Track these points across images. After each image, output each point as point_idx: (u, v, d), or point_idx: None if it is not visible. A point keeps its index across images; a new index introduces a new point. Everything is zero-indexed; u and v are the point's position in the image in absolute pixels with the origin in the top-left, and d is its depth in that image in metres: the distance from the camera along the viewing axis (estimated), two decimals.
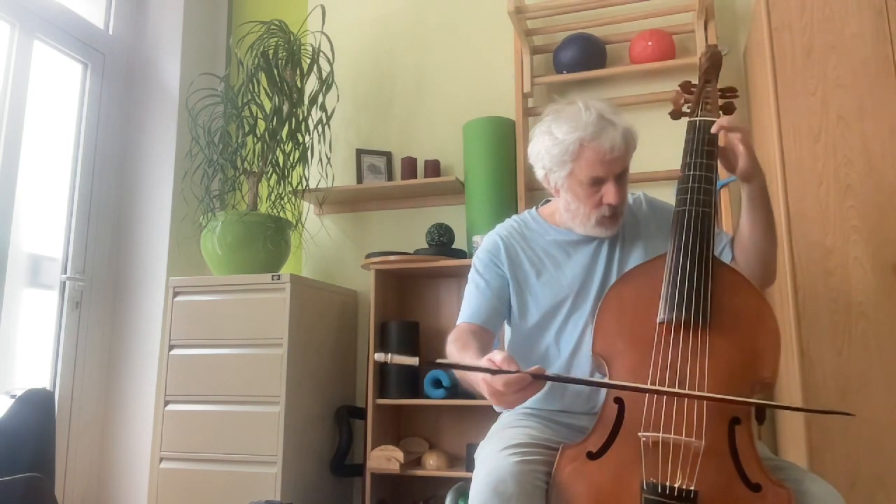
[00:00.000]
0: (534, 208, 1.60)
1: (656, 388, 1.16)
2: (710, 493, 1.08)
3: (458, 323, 1.48)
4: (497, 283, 1.48)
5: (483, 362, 1.15)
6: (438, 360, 1.11)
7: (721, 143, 1.36)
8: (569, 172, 1.40)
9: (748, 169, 1.31)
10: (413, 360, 1.08)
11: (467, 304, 1.49)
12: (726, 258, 1.45)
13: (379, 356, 1.07)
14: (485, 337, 1.44)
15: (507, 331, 1.57)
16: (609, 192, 1.38)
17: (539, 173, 1.49)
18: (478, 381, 1.17)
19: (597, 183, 1.38)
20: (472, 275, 1.53)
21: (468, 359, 1.28)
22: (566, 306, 1.43)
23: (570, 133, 1.37)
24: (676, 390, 1.15)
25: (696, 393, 1.15)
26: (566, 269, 1.46)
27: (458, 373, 1.32)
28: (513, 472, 1.14)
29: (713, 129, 1.35)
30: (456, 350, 1.37)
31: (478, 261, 1.53)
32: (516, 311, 1.48)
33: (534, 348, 1.45)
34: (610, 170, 1.37)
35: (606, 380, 1.23)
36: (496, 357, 1.14)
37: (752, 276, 1.39)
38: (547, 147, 1.41)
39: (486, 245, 1.54)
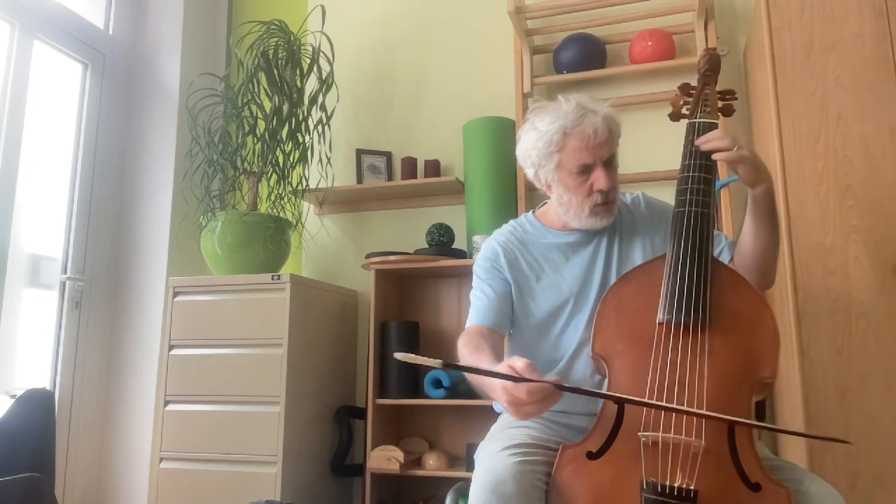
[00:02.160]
0: (530, 212, 1.60)
1: (673, 406, 1.13)
2: (710, 493, 1.08)
3: (466, 326, 1.46)
4: (501, 286, 1.48)
5: (503, 368, 1.10)
6: (460, 364, 1.07)
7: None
8: (557, 164, 1.41)
9: (750, 175, 1.31)
10: (436, 363, 1.02)
11: (475, 308, 1.48)
12: (724, 260, 1.45)
13: (399, 355, 1.02)
14: (495, 339, 1.42)
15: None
16: (599, 178, 1.39)
17: (529, 172, 1.50)
18: (493, 386, 1.12)
19: (585, 171, 1.39)
20: (475, 282, 1.52)
21: (484, 363, 1.23)
22: (567, 309, 1.43)
23: (552, 124, 1.39)
24: (693, 410, 1.12)
25: (710, 414, 1.14)
26: (565, 271, 1.46)
27: (470, 376, 1.27)
28: (513, 472, 1.14)
29: (699, 144, 1.35)
30: (468, 353, 1.33)
31: (479, 268, 1.53)
32: (519, 314, 1.48)
33: (535, 351, 1.45)
34: (597, 155, 1.38)
35: (620, 395, 1.18)
36: (517, 364, 1.08)
37: (750, 278, 1.39)
38: (532, 141, 1.43)
39: (485, 252, 1.53)
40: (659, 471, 1.11)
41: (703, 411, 1.13)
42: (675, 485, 1.09)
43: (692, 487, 1.08)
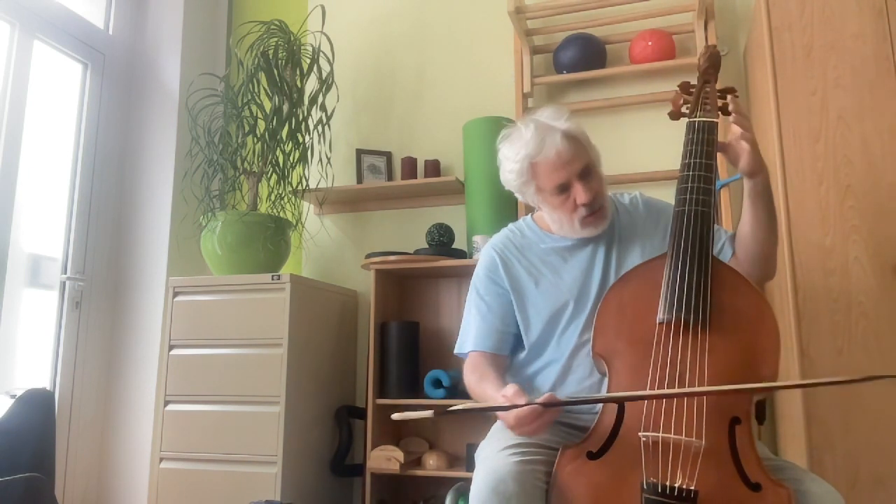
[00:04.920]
0: (529, 216, 1.61)
1: (669, 392, 1.16)
2: (710, 493, 1.08)
3: (466, 351, 1.50)
4: (498, 302, 1.49)
5: (497, 398, 1.20)
6: (450, 408, 1.10)
7: (728, 138, 1.36)
8: (535, 189, 1.45)
9: (753, 165, 1.32)
10: (427, 413, 1.08)
11: (473, 329, 1.50)
12: (726, 254, 1.46)
13: (396, 416, 1.11)
14: (497, 361, 1.47)
15: None
16: (578, 193, 1.41)
17: (517, 196, 1.53)
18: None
19: (564, 189, 1.41)
20: (473, 296, 1.53)
21: (488, 388, 1.33)
22: (568, 311, 1.43)
23: (517, 153, 1.43)
24: (686, 390, 1.15)
25: (706, 389, 1.15)
26: (564, 274, 1.46)
27: (476, 396, 1.42)
28: (513, 472, 1.14)
29: (732, 121, 1.35)
30: (475, 381, 1.40)
31: (478, 280, 1.53)
32: (520, 319, 1.48)
33: (538, 355, 1.46)
34: (569, 173, 1.40)
35: (623, 393, 1.20)
36: (507, 391, 1.19)
37: (753, 270, 1.40)
38: (507, 172, 1.47)
39: (484, 262, 1.54)
40: (659, 471, 1.11)
41: (706, 388, 1.14)
42: (676, 485, 1.09)
43: (692, 488, 1.08)
